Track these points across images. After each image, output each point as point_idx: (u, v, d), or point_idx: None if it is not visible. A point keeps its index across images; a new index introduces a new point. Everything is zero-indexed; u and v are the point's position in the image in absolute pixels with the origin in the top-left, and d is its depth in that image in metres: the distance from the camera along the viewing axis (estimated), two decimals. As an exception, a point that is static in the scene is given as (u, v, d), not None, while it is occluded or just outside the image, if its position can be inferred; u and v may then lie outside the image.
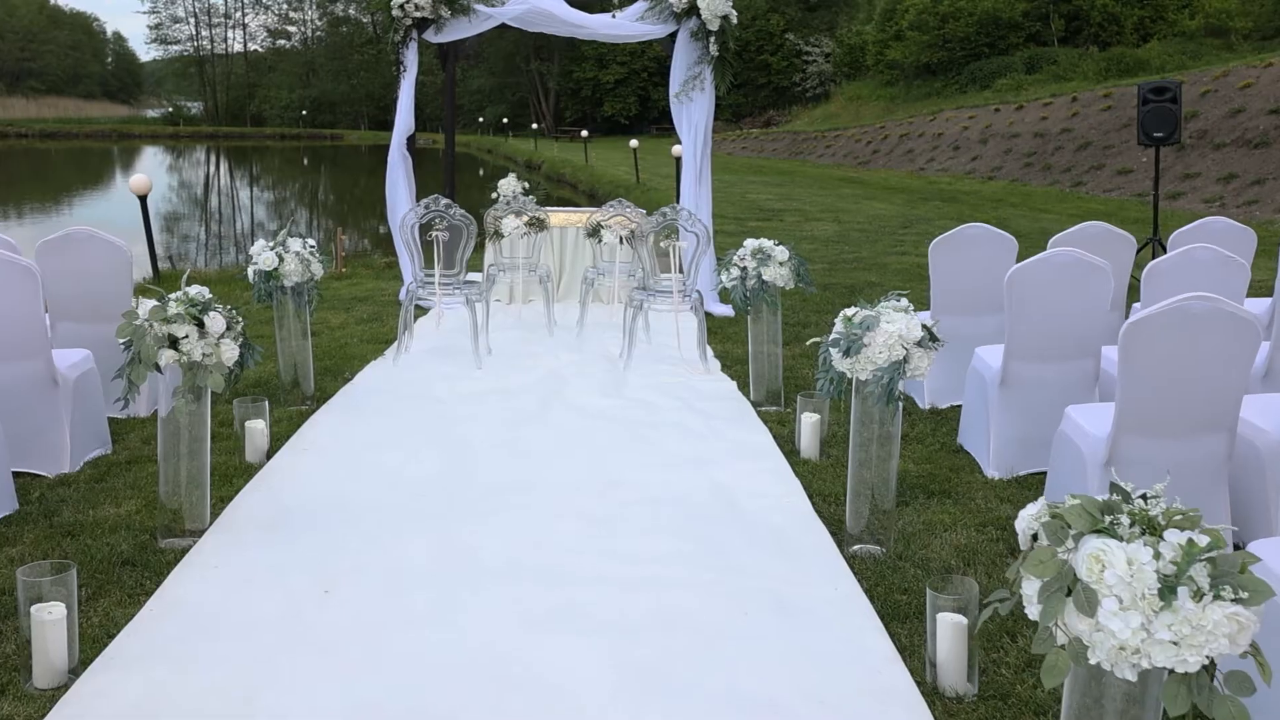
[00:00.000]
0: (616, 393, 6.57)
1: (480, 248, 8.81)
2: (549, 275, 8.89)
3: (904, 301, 4.05)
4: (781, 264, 6.00)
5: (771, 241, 6.07)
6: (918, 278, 11.91)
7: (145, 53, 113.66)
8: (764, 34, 58.61)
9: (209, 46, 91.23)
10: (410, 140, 10.04)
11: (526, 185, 10.07)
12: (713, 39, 9.09)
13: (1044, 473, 4.96)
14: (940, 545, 4.25)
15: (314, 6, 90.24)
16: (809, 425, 5.27)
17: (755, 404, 6.31)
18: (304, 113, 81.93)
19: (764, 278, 6.00)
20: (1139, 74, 30.23)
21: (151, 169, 54.17)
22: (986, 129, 30.62)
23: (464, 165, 47.22)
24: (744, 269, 6.05)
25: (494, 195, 9.86)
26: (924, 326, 3.95)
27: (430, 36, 9.86)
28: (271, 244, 6.09)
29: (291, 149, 68.88)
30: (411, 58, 9.99)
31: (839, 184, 27.83)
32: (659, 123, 63.54)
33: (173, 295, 4.15)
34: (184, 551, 4.13)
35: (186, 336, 4.04)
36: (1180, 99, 10.15)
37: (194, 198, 38.46)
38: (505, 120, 65.19)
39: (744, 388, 6.68)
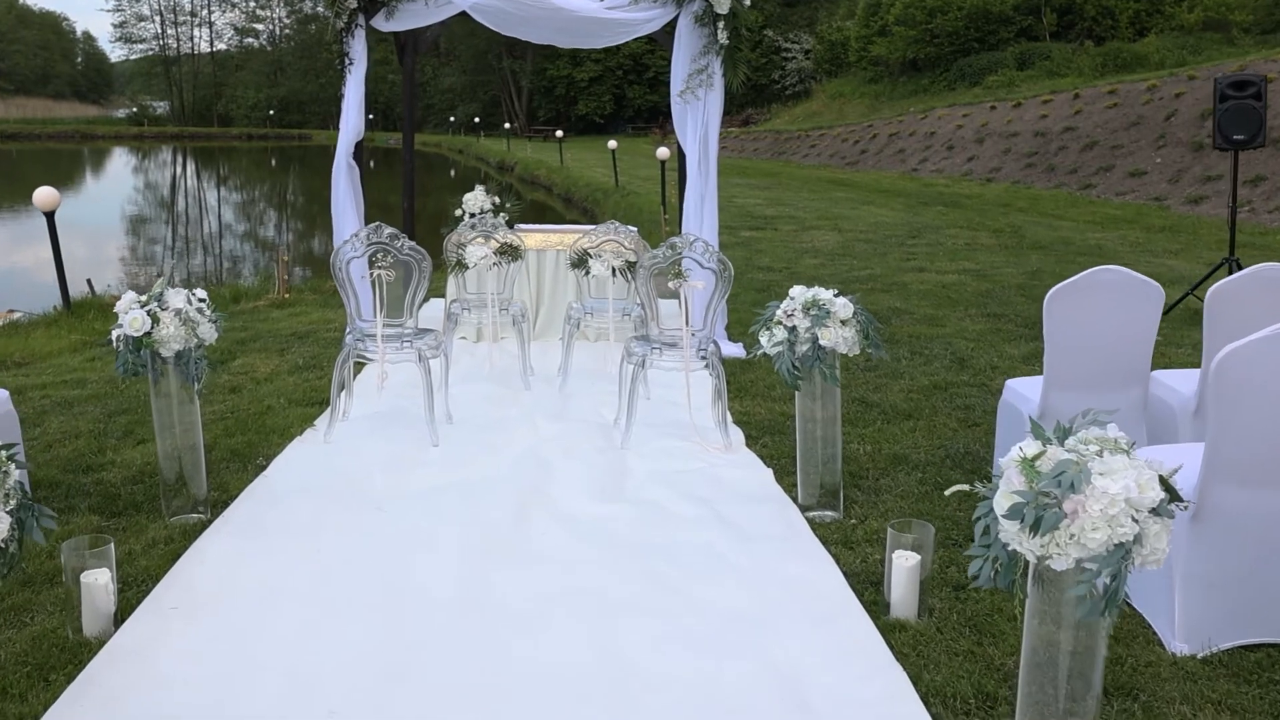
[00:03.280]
0: (617, 491, 4.91)
1: (441, 267, 7.17)
2: (524, 314, 7.24)
3: (1113, 429, 2.45)
4: (844, 322, 4.37)
5: (830, 291, 4.44)
6: (946, 301, 10.24)
7: (113, 52, 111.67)
8: (742, 30, 57.05)
9: (175, 45, 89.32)
10: (358, 147, 8.41)
11: (496, 201, 8.38)
12: (721, 24, 7.46)
13: (1260, 647, 3.38)
14: (1158, 813, 2.65)
15: (281, 4, 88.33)
16: (904, 571, 3.60)
17: (804, 508, 4.68)
18: (271, 112, 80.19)
19: (820, 341, 4.38)
20: (1137, 70, 28.89)
21: (116, 171, 52.51)
22: (982, 128, 29.11)
23: (436, 166, 45.63)
24: (793, 329, 4.42)
25: (457, 213, 8.18)
26: (1162, 480, 2.35)
27: (380, 23, 8.23)
28: (143, 299, 4.42)
29: (259, 149, 67.17)
30: (359, 49, 8.37)
31: (830, 186, 26.26)
32: (634, 122, 62.02)
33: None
34: None
35: (-88, 504, 2.39)
36: (1265, 94, 8.61)
37: (160, 200, 37.02)
38: (477, 120, 63.36)
39: (782, 476, 5.07)
